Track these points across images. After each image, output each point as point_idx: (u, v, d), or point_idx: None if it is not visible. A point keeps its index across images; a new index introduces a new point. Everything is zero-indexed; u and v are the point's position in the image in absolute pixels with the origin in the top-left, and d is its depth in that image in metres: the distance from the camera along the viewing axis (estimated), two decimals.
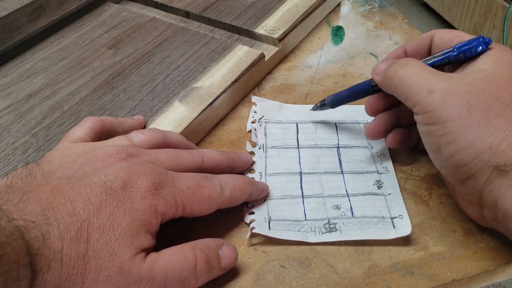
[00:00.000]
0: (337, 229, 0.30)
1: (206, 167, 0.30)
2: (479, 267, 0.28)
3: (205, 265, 0.26)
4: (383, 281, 0.28)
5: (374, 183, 0.33)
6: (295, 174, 0.34)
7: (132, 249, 0.24)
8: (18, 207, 0.22)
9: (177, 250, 0.26)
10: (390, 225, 0.30)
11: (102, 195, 0.24)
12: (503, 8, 1.40)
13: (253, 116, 0.39)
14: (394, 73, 0.29)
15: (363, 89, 0.34)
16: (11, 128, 0.35)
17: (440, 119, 0.27)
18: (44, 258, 0.22)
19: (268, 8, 0.48)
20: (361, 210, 0.31)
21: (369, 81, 0.34)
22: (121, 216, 0.24)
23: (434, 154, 0.28)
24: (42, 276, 0.21)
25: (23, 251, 0.21)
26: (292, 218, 0.31)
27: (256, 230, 0.29)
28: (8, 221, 0.21)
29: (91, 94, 0.38)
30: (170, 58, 0.41)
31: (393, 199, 0.32)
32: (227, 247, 0.27)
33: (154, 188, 0.26)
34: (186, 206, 0.27)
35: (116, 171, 0.25)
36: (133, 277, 0.24)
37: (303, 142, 0.36)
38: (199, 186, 0.27)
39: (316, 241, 0.30)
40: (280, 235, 0.30)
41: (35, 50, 0.43)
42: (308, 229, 0.30)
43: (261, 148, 0.36)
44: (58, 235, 0.22)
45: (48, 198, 0.23)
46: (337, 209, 0.31)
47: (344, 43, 0.48)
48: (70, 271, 0.22)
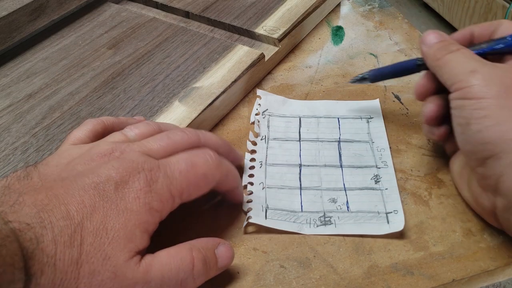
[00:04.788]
0: (332, 223, 0.30)
1: (203, 145, 0.30)
2: (479, 267, 0.28)
3: (202, 266, 0.25)
4: (383, 281, 0.28)
5: (372, 177, 0.33)
6: (294, 166, 0.34)
7: (126, 252, 0.24)
8: (13, 209, 0.22)
9: (174, 252, 0.25)
10: (385, 220, 0.30)
11: (96, 197, 0.24)
12: (503, 8, 1.40)
13: (257, 109, 0.39)
14: (441, 55, 0.30)
15: (407, 66, 0.35)
16: (11, 128, 0.35)
17: (476, 94, 0.27)
18: (38, 262, 0.21)
19: (268, 8, 0.48)
20: (357, 204, 0.32)
21: (414, 60, 0.34)
22: (114, 218, 0.24)
23: (462, 129, 0.28)
24: (36, 280, 0.21)
25: (18, 253, 0.20)
26: (288, 208, 0.31)
27: (253, 219, 0.30)
28: (4, 223, 0.21)
29: (91, 94, 0.38)
30: (170, 58, 0.41)
31: (390, 194, 0.32)
32: (223, 247, 0.27)
33: (146, 185, 0.25)
34: (183, 193, 0.26)
35: (108, 171, 0.25)
36: (128, 282, 0.23)
37: (305, 135, 0.37)
38: (192, 166, 0.27)
39: (311, 233, 0.30)
40: (275, 225, 0.30)
41: (35, 50, 0.43)
42: (303, 221, 0.31)
43: (263, 139, 0.36)
44: (52, 238, 0.22)
45: (43, 201, 0.23)
46: (333, 202, 0.32)
47: (344, 43, 0.48)
48: (63, 276, 0.22)
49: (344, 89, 0.41)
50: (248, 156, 0.35)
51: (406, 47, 0.46)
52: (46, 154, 0.33)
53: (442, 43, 0.31)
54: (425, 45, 0.32)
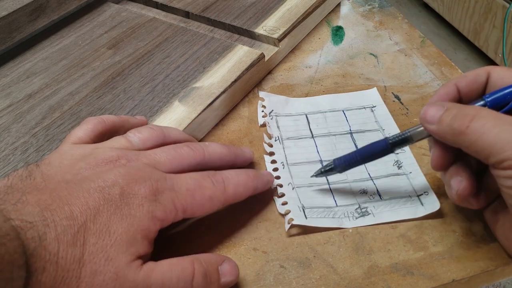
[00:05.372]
0: (369, 213, 0.31)
1: (208, 161, 0.30)
2: (479, 267, 0.28)
3: (202, 280, 0.25)
4: (383, 281, 0.28)
5: (394, 163, 0.34)
6: (316, 162, 0.35)
7: (128, 255, 0.24)
8: (16, 207, 0.22)
9: (175, 261, 0.25)
10: (418, 202, 0.31)
11: (100, 200, 0.24)
12: (503, 8, 1.40)
13: (262, 111, 0.39)
14: (464, 127, 0.25)
15: (379, 149, 0.30)
16: (11, 128, 0.35)
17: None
18: (40, 259, 0.21)
19: (268, 8, 0.47)
20: (387, 192, 0.32)
21: (384, 140, 0.30)
22: (118, 222, 0.24)
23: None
24: (37, 277, 0.21)
25: (18, 251, 0.20)
26: (324, 205, 0.32)
27: (295, 221, 0.30)
28: (4, 221, 0.21)
29: (91, 94, 0.38)
30: (170, 58, 0.41)
31: (415, 177, 0.33)
32: (228, 264, 0.27)
33: (152, 194, 0.26)
34: (187, 209, 0.27)
35: (114, 177, 0.25)
36: (128, 284, 0.23)
37: (316, 131, 0.37)
38: (199, 187, 0.27)
39: (352, 226, 0.30)
40: (317, 223, 0.30)
41: (35, 50, 0.43)
42: (341, 215, 0.31)
43: (277, 140, 0.36)
44: (55, 237, 0.22)
45: (46, 201, 0.23)
46: (365, 193, 0.32)
47: (344, 43, 0.48)
48: (65, 274, 0.22)
49: (344, 89, 0.41)
50: (268, 159, 0.35)
51: (406, 47, 0.46)
52: (46, 154, 0.33)
53: (451, 111, 0.27)
54: (432, 123, 0.27)
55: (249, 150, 0.34)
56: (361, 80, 0.42)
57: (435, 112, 0.27)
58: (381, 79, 0.42)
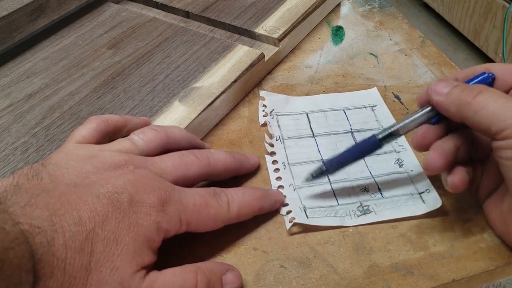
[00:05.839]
0: (371, 211, 0.31)
1: (213, 169, 0.30)
2: (479, 267, 0.28)
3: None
4: (383, 281, 0.28)
5: (395, 162, 0.34)
6: (317, 162, 0.35)
7: (134, 265, 0.24)
8: (25, 210, 0.22)
9: (179, 271, 0.25)
10: (419, 200, 0.31)
11: (109, 206, 0.24)
12: (503, 8, 1.40)
13: (263, 110, 0.39)
14: (471, 98, 0.26)
15: (369, 146, 0.30)
16: (11, 128, 0.35)
17: None
18: (48, 264, 0.21)
19: (268, 8, 0.48)
20: (389, 190, 0.32)
21: (373, 137, 0.30)
22: (125, 230, 0.24)
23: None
24: (44, 282, 0.21)
25: (26, 256, 0.20)
26: (325, 204, 0.32)
27: (297, 220, 0.30)
28: (13, 225, 0.21)
29: (91, 94, 0.38)
30: (170, 58, 0.41)
31: (416, 175, 0.33)
32: (231, 274, 0.27)
33: (159, 204, 0.26)
34: (191, 224, 0.27)
35: (123, 184, 0.25)
36: None
37: (317, 130, 0.37)
38: (205, 205, 0.27)
39: (354, 224, 0.30)
40: (318, 222, 0.30)
41: (35, 50, 0.43)
42: (343, 213, 0.31)
43: (278, 139, 0.36)
44: (63, 243, 0.22)
45: (55, 204, 0.23)
46: (366, 191, 0.32)
47: (344, 43, 0.48)
48: (72, 281, 0.22)
49: (344, 89, 0.41)
50: (269, 159, 0.35)
51: (406, 47, 0.46)
52: (46, 154, 0.33)
53: (460, 87, 0.28)
54: (441, 95, 0.28)
55: (255, 157, 0.34)
56: (361, 80, 0.42)
57: (445, 85, 0.28)
58: (381, 79, 0.42)
